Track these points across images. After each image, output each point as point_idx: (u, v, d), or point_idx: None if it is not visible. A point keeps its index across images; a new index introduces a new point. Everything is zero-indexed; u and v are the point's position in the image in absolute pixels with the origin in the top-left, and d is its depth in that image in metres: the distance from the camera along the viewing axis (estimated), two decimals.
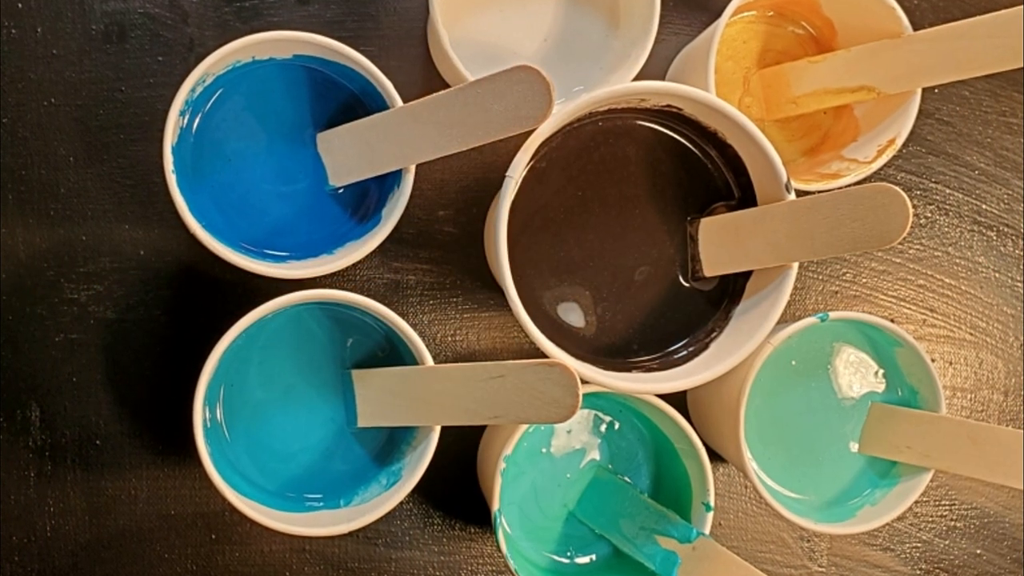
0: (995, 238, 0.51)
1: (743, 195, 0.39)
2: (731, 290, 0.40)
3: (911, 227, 0.32)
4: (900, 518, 0.44)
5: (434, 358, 0.38)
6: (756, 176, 0.38)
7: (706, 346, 0.39)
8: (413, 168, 0.39)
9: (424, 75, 0.47)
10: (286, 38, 0.38)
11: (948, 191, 0.51)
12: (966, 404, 0.51)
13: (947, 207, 0.51)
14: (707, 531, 0.40)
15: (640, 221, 0.39)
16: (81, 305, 0.44)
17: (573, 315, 0.39)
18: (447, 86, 0.42)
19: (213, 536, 0.45)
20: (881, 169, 0.44)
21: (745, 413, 0.40)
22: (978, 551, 0.50)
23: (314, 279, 0.42)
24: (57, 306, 0.44)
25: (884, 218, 0.32)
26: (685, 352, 0.40)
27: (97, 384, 0.45)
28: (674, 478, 0.43)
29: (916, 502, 0.42)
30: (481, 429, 0.46)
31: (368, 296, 0.38)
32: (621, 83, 0.42)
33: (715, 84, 0.41)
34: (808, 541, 0.49)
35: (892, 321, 0.43)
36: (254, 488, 0.40)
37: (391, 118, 0.37)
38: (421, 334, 0.40)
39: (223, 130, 0.40)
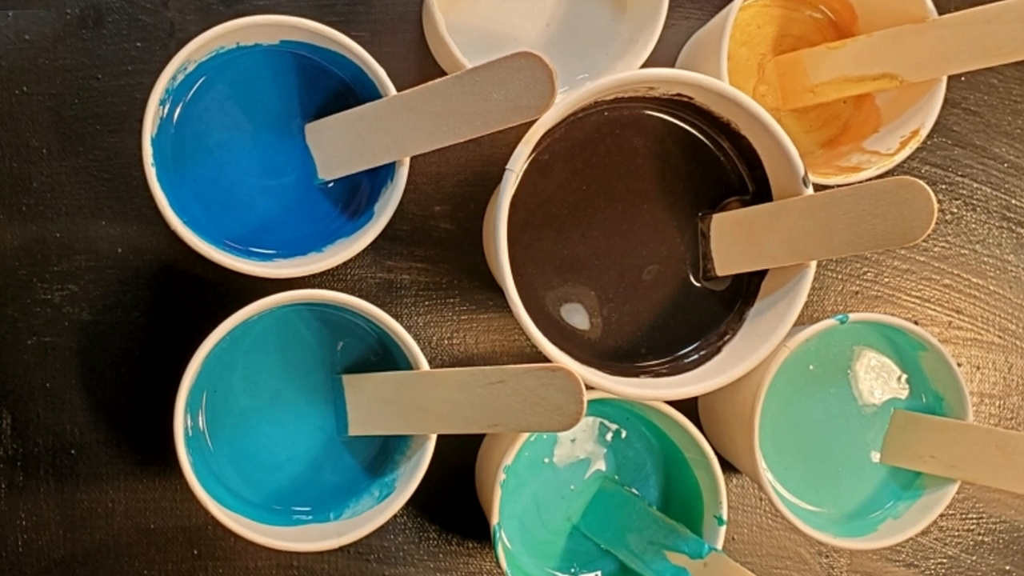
0: None
1: (758, 189, 0.40)
2: (745, 290, 0.40)
3: (936, 223, 0.32)
4: (924, 532, 0.44)
5: (430, 362, 0.38)
6: (771, 169, 0.39)
7: (718, 350, 0.39)
8: (407, 161, 0.39)
9: (419, 62, 0.47)
10: (273, 22, 0.38)
11: (975, 185, 0.51)
12: (994, 411, 0.51)
13: (974, 202, 0.51)
14: (719, 546, 0.40)
15: (648, 217, 0.39)
16: (55, 306, 0.44)
17: (577, 317, 0.39)
18: (443, 74, 0.42)
19: (195, 551, 0.45)
20: (904, 162, 0.44)
21: (760, 421, 0.40)
22: (1007, 567, 0.50)
23: (302, 278, 0.42)
24: (29, 307, 0.44)
25: (907, 214, 0.32)
26: (696, 356, 0.40)
27: (72, 390, 0.45)
28: (684, 490, 0.43)
29: (941, 515, 0.42)
30: (480, 438, 0.46)
31: (360, 296, 0.38)
32: (628, 70, 0.42)
33: (728, 71, 0.42)
34: (827, 557, 0.49)
35: (916, 323, 0.44)
36: (239, 500, 0.40)
37: (384, 108, 0.37)
38: (416, 337, 0.40)
39: (206, 121, 0.40)
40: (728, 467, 0.45)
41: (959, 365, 0.43)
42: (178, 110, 0.40)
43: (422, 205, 0.46)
